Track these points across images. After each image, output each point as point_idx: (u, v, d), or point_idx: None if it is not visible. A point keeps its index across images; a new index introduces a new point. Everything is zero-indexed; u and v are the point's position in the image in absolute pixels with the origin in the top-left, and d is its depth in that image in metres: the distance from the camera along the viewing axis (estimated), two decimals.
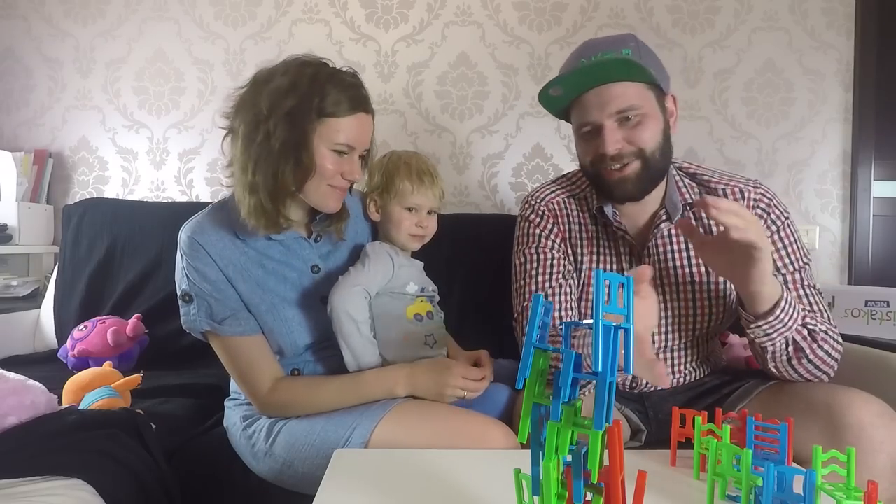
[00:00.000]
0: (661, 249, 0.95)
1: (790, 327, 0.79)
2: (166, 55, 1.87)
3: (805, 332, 0.81)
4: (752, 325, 0.81)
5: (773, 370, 0.86)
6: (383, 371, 0.88)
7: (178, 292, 0.89)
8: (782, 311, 0.78)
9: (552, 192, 1.03)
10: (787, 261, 0.91)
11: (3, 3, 1.89)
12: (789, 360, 0.83)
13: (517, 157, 1.83)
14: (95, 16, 1.88)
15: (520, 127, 1.83)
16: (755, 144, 1.79)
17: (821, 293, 0.91)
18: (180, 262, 0.88)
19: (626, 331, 0.43)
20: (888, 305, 1.29)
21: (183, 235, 0.88)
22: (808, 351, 0.82)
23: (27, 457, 0.77)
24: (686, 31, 1.80)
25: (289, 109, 0.82)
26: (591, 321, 0.42)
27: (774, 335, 0.80)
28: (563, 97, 0.91)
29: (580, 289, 0.98)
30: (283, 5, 1.85)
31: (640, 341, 0.61)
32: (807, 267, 0.92)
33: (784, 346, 0.82)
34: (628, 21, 1.79)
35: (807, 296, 0.88)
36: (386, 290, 0.94)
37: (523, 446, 0.76)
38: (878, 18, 1.74)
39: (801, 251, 0.92)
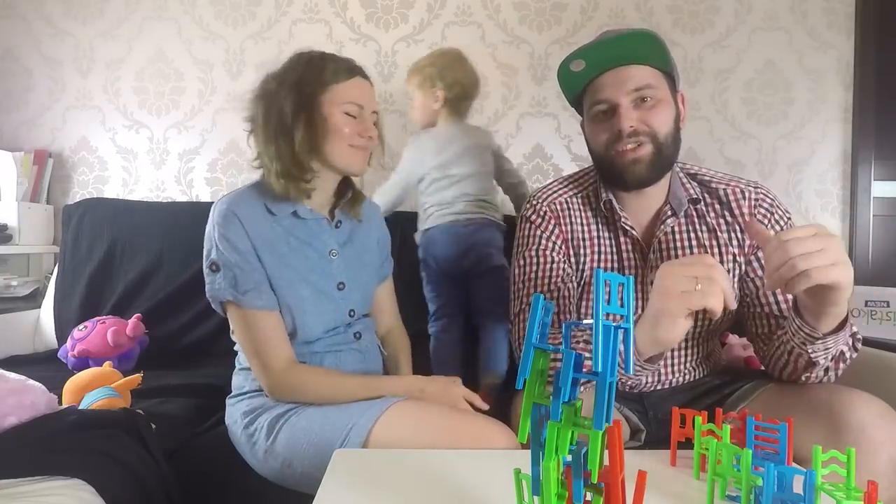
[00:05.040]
0: (664, 246, 0.95)
1: (845, 339, 0.75)
2: (166, 55, 1.87)
3: (851, 340, 0.79)
4: (818, 342, 0.75)
5: (782, 376, 0.85)
6: (402, 377, 1.00)
7: (206, 263, 0.92)
8: (849, 323, 0.72)
9: (555, 191, 1.03)
10: None
11: (3, 3, 1.89)
12: (826, 370, 0.80)
13: (517, 157, 1.83)
14: (95, 16, 1.88)
15: (520, 127, 1.83)
16: (755, 144, 1.79)
17: None
18: (211, 233, 0.91)
19: (626, 331, 0.43)
20: (888, 305, 1.29)
21: (219, 207, 0.92)
22: (848, 360, 0.80)
23: (27, 457, 0.77)
24: (686, 31, 1.80)
25: (294, 82, 0.92)
26: (591, 321, 0.42)
27: (832, 348, 0.76)
28: (584, 73, 0.92)
29: (581, 288, 0.98)
30: (283, 5, 1.85)
31: None
32: None
33: (830, 358, 0.79)
34: (628, 21, 1.79)
35: None
36: None
37: (523, 446, 0.76)
38: (878, 18, 1.74)
39: None
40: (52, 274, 1.70)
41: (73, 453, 0.79)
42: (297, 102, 0.92)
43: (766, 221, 0.92)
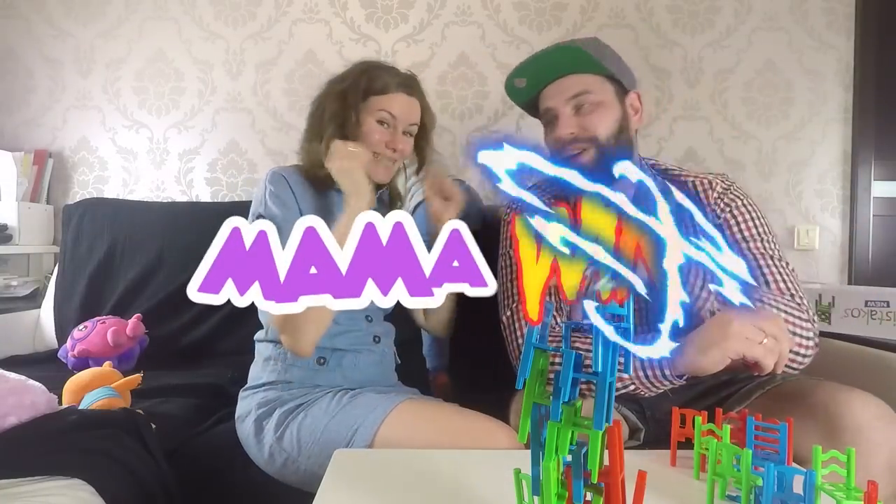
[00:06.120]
0: None
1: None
2: (166, 55, 1.87)
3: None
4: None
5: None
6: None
7: (251, 219, 0.94)
8: None
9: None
10: (753, 232, 0.92)
11: (3, 3, 1.89)
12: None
13: None
14: (96, 16, 1.88)
15: (520, 127, 1.83)
16: (755, 144, 1.79)
17: (792, 271, 0.90)
18: (261, 192, 0.98)
19: (626, 331, 0.43)
20: (888, 305, 1.28)
21: (271, 172, 0.99)
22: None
23: (27, 457, 0.77)
24: (686, 31, 1.80)
25: (342, 89, 0.99)
26: (590, 321, 0.42)
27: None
28: (527, 89, 0.97)
29: None
30: (283, 5, 1.85)
31: None
32: (775, 242, 0.92)
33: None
34: (628, 21, 1.79)
35: (768, 266, 0.88)
36: None
37: (525, 446, 0.76)
38: (878, 18, 1.74)
39: (768, 227, 0.94)
40: (52, 274, 1.70)
41: (73, 453, 0.79)
42: (336, 107, 0.98)
43: (727, 210, 0.94)
